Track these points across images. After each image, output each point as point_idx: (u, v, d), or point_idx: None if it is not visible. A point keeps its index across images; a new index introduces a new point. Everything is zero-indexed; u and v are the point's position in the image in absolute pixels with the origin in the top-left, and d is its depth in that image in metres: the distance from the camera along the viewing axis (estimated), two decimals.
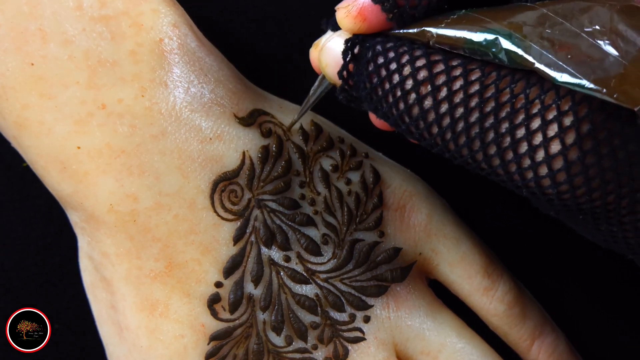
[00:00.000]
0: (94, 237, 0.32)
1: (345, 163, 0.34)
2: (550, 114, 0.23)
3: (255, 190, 0.33)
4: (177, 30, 0.32)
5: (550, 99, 0.23)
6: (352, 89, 0.27)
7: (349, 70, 0.27)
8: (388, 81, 0.25)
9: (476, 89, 0.24)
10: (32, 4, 0.29)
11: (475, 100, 0.24)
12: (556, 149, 0.23)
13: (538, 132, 0.23)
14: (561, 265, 0.39)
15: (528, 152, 0.23)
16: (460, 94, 0.24)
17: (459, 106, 0.24)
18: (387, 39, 0.26)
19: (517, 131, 0.23)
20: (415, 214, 0.35)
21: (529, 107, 0.23)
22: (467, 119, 0.24)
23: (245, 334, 0.32)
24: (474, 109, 0.24)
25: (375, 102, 0.26)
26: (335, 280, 0.33)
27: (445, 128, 0.24)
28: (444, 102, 0.24)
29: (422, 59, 0.25)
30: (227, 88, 0.33)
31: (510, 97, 0.23)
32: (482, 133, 0.24)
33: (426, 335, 0.34)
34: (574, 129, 0.23)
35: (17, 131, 0.30)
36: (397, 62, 0.25)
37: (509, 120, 0.23)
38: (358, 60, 0.27)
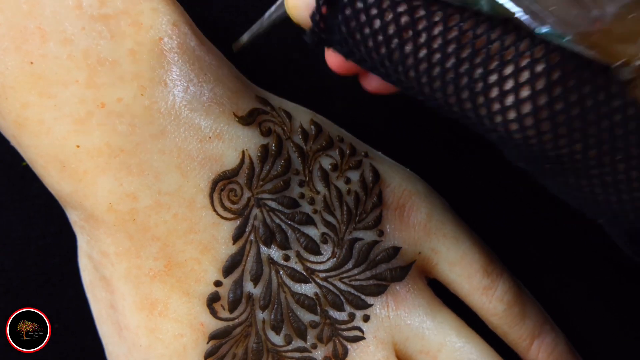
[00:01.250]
0: (93, 236, 0.32)
1: (345, 162, 0.34)
2: (524, 60, 0.23)
3: (255, 189, 0.33)
4: (177, 29, 0.32)
5: (524, 47, 0.23)
6: (323, 32, 0.26)
7: (322, 13, 0.26)
8: (368, 26, 0.25)
9: (455, 35, 0.24)
10: (31, 3, 0.29)
11: (453, 46, 0.24)
12: (525, 94, 0.23)
13: (510, 78, 0.23)
14: (561, 265, 0.39)
15: (499, 97, 0.23)
16: (438, 40, 0.24)
17: (436, 52, 0.24)
18: None
19: (490, 77, 0.23)
20: (415, 213, 0.35)
21: (503, 53, 0.23)
22: (443, 65, 0.24)
23: (245, 333, 0.32)
24: (451, 55, 0.24)
25: (350, 45, 0.26)
26: (334, 279, 0.33)
27: (422, 73, 0.24)
28: (423, 47, 0.24)
29: (403, 4, 0.24)
30: (226, 87, 0.33)
31: (486, 42, 0.23)
32: (457, 78, 0.24)
33: (425, 335, 0.34)
34: (544, 75, 0.23)
35: (16, 130, 0.31)
36: (377, 7, 0.25)
37: (483, 67, 0.23)
38: (332, 3, 0.25)
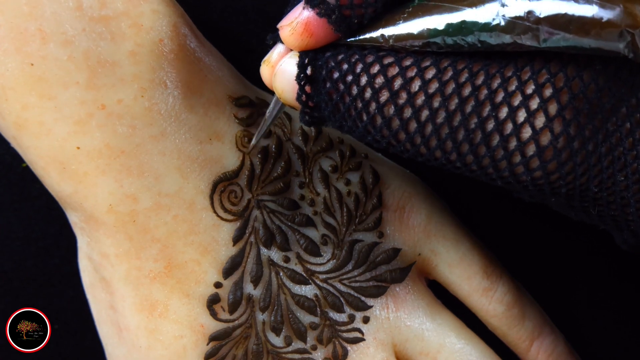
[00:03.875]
0: (94, 238, 0.32)
1: (345, 164, 0.34)
2: (516, 99, 0.23)
3: (255, 190, 0.33)
4: (177, 30, 0.31)
5: (513, 85, 0.23)
6: (314, 111, 0.26)
7: (307, 93, 0.26)
8: (347, 94, 0.24)
9: (436, 87, 0.23)
10: (32, 5, 0.29)
11: (438, 99, 0.23)
12: (527, 135, 0.23)
13: (507, 121, 0.23)
14: (560, 266, 0.39)
15: (500, 143, 0.23)
16: (421, 96, 0.23)
17: (422, 108, 0.23)
18: (338, 51, 0.25)
19: (487, 124, 0.23)
20: (415, 215, 0.35)
21: (493, 96, 0.23)
22: (434, 121, 0.23)
23: (245, 334, 0.32)
24: (439, 109, 0.23)
25: (339, 119, 0.25)
26: (334, 281, 0.33)
27: (413, 133, 0.24)
28: (406, 106, 0.24)
29: (376, 65, 0.24)
30: (226, 88, 0.33)
31: (472, 89, 0.23)
32: (453, 133, 0.23)
33: (425, 336, 0.34)
34: (541, 110, 0.22)
35: (16, 132, 0.31)
36: (352, 73, 0.24)
37: (476, 115, 0.23)
38: (314, 80, 0.25)
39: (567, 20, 0.21)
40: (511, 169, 0.23)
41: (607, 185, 0.23)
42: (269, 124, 0.30)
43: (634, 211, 0.24)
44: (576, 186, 0.23)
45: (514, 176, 0.23)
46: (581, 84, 0.22)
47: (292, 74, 0.26)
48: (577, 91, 0.22)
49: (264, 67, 0.27)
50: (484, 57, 0.23)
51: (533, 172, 0.23)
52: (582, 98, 0.22)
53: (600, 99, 0.23)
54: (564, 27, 0.21)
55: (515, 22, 0.22)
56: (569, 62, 0.23)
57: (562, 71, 0.23)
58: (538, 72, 0.23)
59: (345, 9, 0.24)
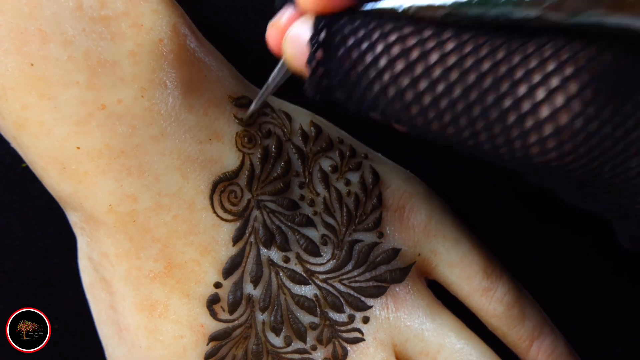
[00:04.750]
0: (94, 238, 0.32)
1: (345, 164, 0.34)
2: (536, 76, 0.22)
3: (255, 191, 0.33)
4: (177, 30, 0.32)
5: (533, 62, 0.22)
6: (323, 78, 0.25)
7: (318, 59, 0.25)
8: (360, 62, 0.24)
9: (454, 61, 0.22)
10: (32, 5, 0.29)
11: (456, 73, 0.22)
12: (545, 114, 0.22)
13: (526, 98, 0.22)
14: (560, 266, 0.39)
15: (517, 122, 0.22)
16: (439, 68, 0.22)
17: (439, 82, 0.22)
18: (355, 17, 0.24)
19: (505, 101, 0.22)
20: (415, 215, 0.35)
21: (512, 73, 0.22)
22: (450, 95, 0.22)
23: (245, 334, 0.32)
24: (456, 83, 0.22)
25: (348, 88, 0.24)
26: (334, 281, 0.33)
27: (427, 106, 0.23)
28: (422, 78, 0.23)
29: (394, 33, 0.23)
30: (226, 88, 0.33)
31: (491, 65, 0.22)
32: (469, 109, 0.22)
33: (425, 336, 0.34)
34: (562, 89, 0.22)
35: (16, 131, 0.31)
36: (368, 41, 0.23)
37: (494, 91, 0.22)
38: (327, 46, 0.24)
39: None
40: (526, 150, 0.22)
41: (619, 171, 0.23)
42: (271, 91, 0.30)
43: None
44: (589, 170, 0.23)
45: (528, 157, 0.23)
46: (603, 64, 0.22)
47: (304, 38, 0.25)
48: (599, 71, 0.22)
49: (272, 30, 0.26)
50: (506, 32, 0.23)
51: (548, 153, 0.22)
52: (603, 78, 0.22)
53: (620, 80, 0.22)
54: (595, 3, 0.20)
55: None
56: (591, 42, 0.22)
57: (584, 50, 0.22)
58: (560, 50, 0.22)
59: None
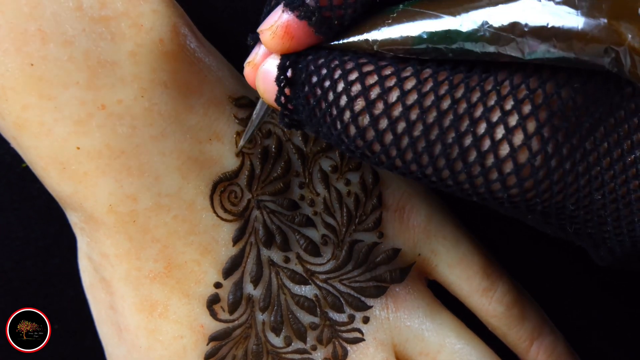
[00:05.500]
0: (93, 238, 0.32)
1: (345, 164, 0.34)
2: (495, 115, 0.22)
3: (255, 191, 0.33)
4: (177, 30, 0.32)
5: (492, 99, 0.22)
6: (293, 113, 0.26)
7: (286, 95, 0.25)
8: (324, 100, 0.24)
9: (415, 99, 0.23)
10: (32, 5, 0.29)
11: (416, 111, 0.22)
12: (505, 152, 0.22)
13: (485, 136, 0.22)
14: (560, 267, 0.39)
15: (477, 160, 0.22)
16: (398, 107, 0.23)
17: (399, 120, 0.23)
18: (319, 55, 0.24)
19: (465, 139, 0.22)
20: (415, 215, 0.35)
21: (472, 111, 0.22)
22: (410, 134, 0.23)
23: (245, 334, 0.32)
24: (417, 122, 0.22)
25: (315, 124, 0.25)
26: (334, 281, 0.33)
27: (389, 145, 0.23)
28: (382, 117, 0.23)
29: (354, 72, 0.23)
30: (226, 88, 0.33)
31: (451, 103, 0.22)
32: (430, 147, 0.22)
33: (425, 336, 0.34)
34: (520, 127, 0.22)
35: (16, 132, 0.31)
36: (330, 79, 0.24)
37: (454, 129, 0.22)
38: (293, 83, 0.25)
39: (551, 34, 0.21)
40: (488, 185, 0.23)
41: (584, 204, 0.23)
42: (256, 126, 0.30)
43: (611, 229, 0.24)
44: (552, 204, 0.23)
45: (490, 193, 0.23)
46: (560, 101, 0.22)
47: (273, 75, 0.25)
48: (556, 109, 0.22)
49: (248, 68, 0.27)
50: (465, 68, 0.23)
51: (510, 189, 0.23)
52: (561, 116, 0.22)
53: (578, 118, 0.22)
54: (548, 40, 0.21)
55: (500, 33, 0.21)
56: (549, 79, 0.22)
57: (541, 87, 0.22)
58: (517, 88, 0.22)
59: (325, 11, 0.24)
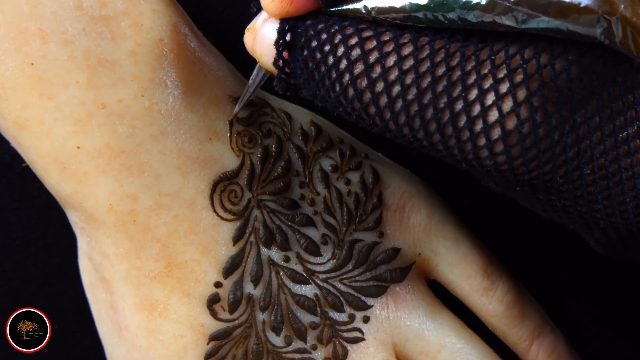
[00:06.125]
0: (94, 237, 0.32)
1: (345, 163, 0.34)
2: (487, 82, 0.23)
3: (255, 190, 0.33)
4: (177, 30, 0.32)
5: (486, 68, 0.23)
6: (290, 77, 0.26)
7: (284, 59, 0.26)
8: (323, 64, 0.25)
9: (410, 65, 0.23)
10: (32, 4, 0.29)
11: (411, 76, 0.23)
12: (493, 118, 0.23)
13: (476, 102, 0.23)
14: (560, 266, 0.39)
15: (467, 125, 0.23)
16: (395, 71, 0.23)
17: (394, 84, 0.23)
18: (318, 20, 0.25)
19: (456, 104, 0.23)
20: (415, 215, 0.35)
21: (465, 78, 0.23)
22: (404, 97, 0.23)
23: (245, 334, 0.32)
24: (411, 86, 0.23)
25: (312, 87, 0.26)
26: (334, 281, 0.33)
27: (383, 108, 0.24)
28: (378, 80, 0.24)
29: (354, 37, 0.24)
30: (226, 88, 0.33)
31: (445, 69, 0.23)
32: (422, 111, 0.23)
33: (425, 336, 0.34)
34: (510, 95, 0.22)
35: (16, 131, 0.31)
36: (330, 43, 0.24)
37: (446, 94, 0.23)
38: (292, 47, 0.26)
39: (546, 3, 0.21)
40: (475, 151, 0.23)
41: (573, 178, 0.23)
42: (252, 92, 0.31)
43: (602, 208, 0.24)
44: (539, 174, 0.23)
45: (478, 159, 0.24)
46: (552, 72, 0.22)
47: (271, 39, 0.26)
48: (548, 79, 0.22)
49: (247, 34, 0.27)
50: (462, 37, 0.24)
51: (496, 156, 0.23)
52: (552, 86, 0.22)
53: (570, 89, 0.23)
54: (543, 10, 0.21)
55: (496, 1, 0.22)
56: (544, 50, 0.23)
57: (536, 58, 0.23)
58: (512, 57, 0.23)
59: None
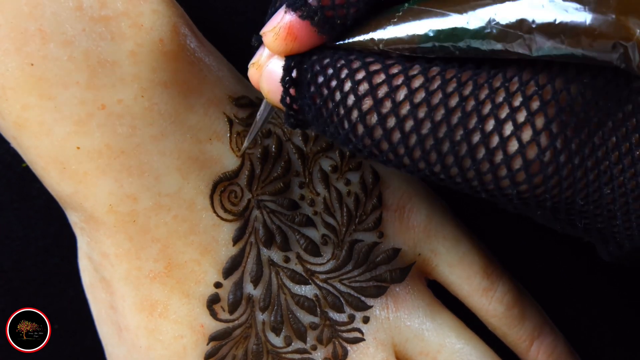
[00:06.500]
0: (94, 238, 0.32)
1: (345, 164, 0.34)
2: (503, 111, 0.22)
3: (255, 190, 0.33)
4: (177, 30, 0.32)
5: (500, 96, 0.22)
6: (298, 114, 0.26)
7: (291, 96, 0.25)
8: (330, 100, 0.24)
9: (422, 97, 0.23)
10: (32, 5, 0.29)
11: (424, 109, 0.23)
12: (514, 149, 0.22)
13: (494, 133, 0.22)
14: (560, 266, 0.39)
15: (486, 156, 0.22)
16: (406, 105, 0.23)
17: (407, 119, 0.23)
18: (324, 55, 0.24)
19: (473, 136, 0.22)
20: (415, 215, 0.35)
21: (480, 108, 0.22)
22: (418, 132, 0.23)
23: (245, 334, 0.32)
24: (424, 120, 0.22)
25: (321, 123, 0.25)
26: (334, 281, 0.33)
27: (397, 144, 0.23)
28: (390, 115, 0.23)
29: (361, 71, 0.23)
30: (226, 88, 0.33)
31: (459, 100, 0.22)
32: (438, 145, 0.23)
33: (425, 336, 0.34)
34: (529, 124, 0.22)
35: (16, 132, 0.31)
36: (336, 78, 0.24)
37: (462, 126, 0.22)
38: (299, 84, 0.25)
39: (559, 30, 0.21)
40: (497, 182, 0.23)
41: (594, 199, 0.23)
42: (260, 127, 0.30)
43: (621, 223, 0.24)
44: (562, 199, 0.23)
45: (500, 190, 0.23)
46: (568, 97, 0.22)
47: (278, 76, 0.25)
48: (565, 104, 0.22)
49: (252, 69, 0.27)
50: (473, 65, 0.23)
51: (519, 185, 0.23)
52: (569, 111, 0.22)
53: (587, 113, 0.22)
54: (556, 36, 0.21)
55: (507, 30, 0.21)
56: (558, 75, 0.22)
57: (550, 83, 0.22)
58: (526, 84, 0.22)
59: (327, 10, 0.24)
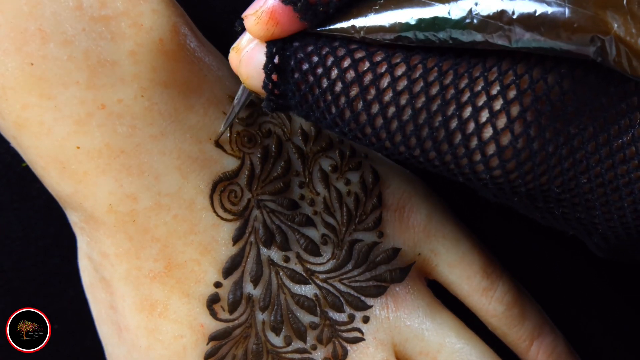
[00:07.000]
0: (93, 238, 0.32)
1: (345, 163, 0.34)
2: (480, 99, 0.23)
3: (255, 190, 0.33)
4: (177, 30, 0.32)
5: (479, 85, 0.23)
6: (280, 98, 0.26)
7: (273, 81, 0.26)
8: (317, 86, 0.25)
9: (404, 85, 0.23)
10: (31, 4, 0.29)
11: (406, 97, 0.23)
12: (488, 135, 0.23)
13: (470, 120, 0.23)
14: (561, 266, 0.39)
15: (462, 142, 0.23)
16: (389, 92, 0.24)
17: (390, 105, 0.24)
18: (307, 42, 0.25)
19: (451, 122, 0.23)
20: (415, 215, 0.35)
21: (459, 96, 0.23)
22: (400, 118, 0.24)
23: (244, 334, 0.32)
24: (406, 107, 0.24)
25: (306, 108, 0.26)
26: (334, 281, 0.33)
27: (379, 129, 0.24)
28: (374, 102, 0.24)
29: (347, 59, 0.24)
30: (226, 88, 0.33)
31: (439, 89, 0.23)
32: (417, 130, 0.24)
33: (425, 336, 0.34)
34: (504, 112, 0.23)
35: (16, 131, 0.31)
36: (322, 66, 0.24)
37: (441, 113, 0.23)
38: (281, 70, 0.25)
39: (539, 22, 0.21)
40: (472, 166, 0.24)
41: (570, 187, 0.24)
42: (237, 112, 0.31)
43: (600, 214, 0.24)
44: (537, 186, 0.24)
45: (475, 174, 0.24)
46: (545, 86, 0.23)
47: (258, 62, 0.26)
48: (541, 93, 0.23)
49: (233, 53, 0.27)
50: (454, 55, 0.24)
51: (492, 170, 0.24)
52: (545, 100, 0.23)
53: (563, 102, 0.23)
54: (535, 29, 0.22)
55: (488, 21, 0.22)
56: (536, 65, 0.23)
57: (528, 73, 0.23)
58: (505, 74, 0.23)
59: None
